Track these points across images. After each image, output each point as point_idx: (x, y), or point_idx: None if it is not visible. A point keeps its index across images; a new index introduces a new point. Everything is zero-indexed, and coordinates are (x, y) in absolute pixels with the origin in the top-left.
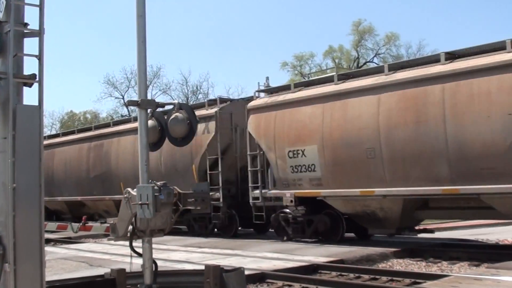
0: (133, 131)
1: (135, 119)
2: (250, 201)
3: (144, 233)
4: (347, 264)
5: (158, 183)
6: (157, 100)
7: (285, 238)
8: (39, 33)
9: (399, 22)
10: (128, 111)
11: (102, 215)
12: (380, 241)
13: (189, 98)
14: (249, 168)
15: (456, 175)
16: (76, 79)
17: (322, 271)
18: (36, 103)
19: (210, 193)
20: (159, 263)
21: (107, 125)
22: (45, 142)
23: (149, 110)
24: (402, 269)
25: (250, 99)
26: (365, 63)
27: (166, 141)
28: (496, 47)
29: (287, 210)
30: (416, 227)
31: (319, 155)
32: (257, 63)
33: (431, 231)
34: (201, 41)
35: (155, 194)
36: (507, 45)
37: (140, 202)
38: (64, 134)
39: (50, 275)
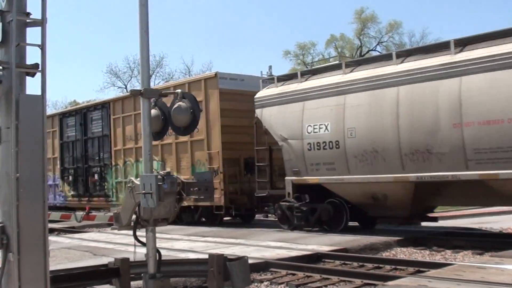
0: None
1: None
2: None
3: (148, 222)
4: (350, 253)
5: (162, 172)
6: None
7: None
8: (41, 23)
9: (401, 10)
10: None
11: None
12: (384, 229)
13: None
14: None
15: None
16: (79, 68)
17: (326, 260)
18: (39, 93)
19: None
20: (162, 252)
21: None
22: None
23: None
24: (405, 258)
25: None
26: (368, 52)
27: None
28: None
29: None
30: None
31: None
32: (259, 52)
33: (434, 219)
34: (204, 30)
35: (159, 183)
36: None
37: (143, 192)
38: None
39: (54, 265)
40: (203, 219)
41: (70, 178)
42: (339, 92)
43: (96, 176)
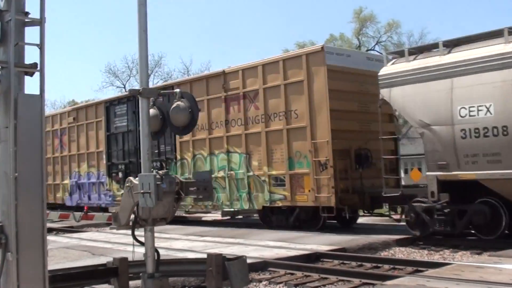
0: None
1: None
2: None
3: (146, 222)
4: (349, 252)
5: (160, 172)
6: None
7: None
8: (40, 22)
9: (400, 10)
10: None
11: None
12: (383, 229)
13: None
14: None
15: None
16: (78, 68)
17: (324, 260)
18: (38, 92)
19: None
20: (161, 251)
21: None
22: None
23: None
24: (404, 258)
25: None
26: (366, 51)
27: None
28: None
29: None
30: None
31: None
32: (259, 52)
33: None
34: (203, 29)
35: (157, 183)
36: None
37: (142, 191)
38: None
39: (53, 264)
40: (297, 223)
41: (120, 175)
42: (504, 65)
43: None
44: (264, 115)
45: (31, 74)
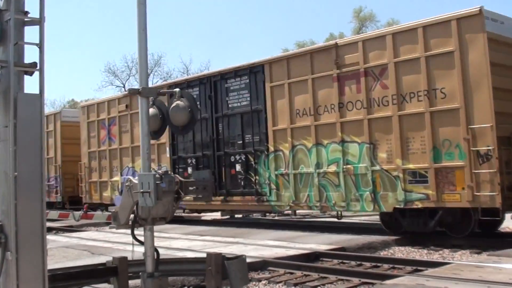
0: None
1: None
2: None
3: (146, 221)
4: (348, 251)
5: (160, 171)
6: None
7: None
8: (39, 21)
9: (400, 9)
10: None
11: None
12: (382, 228)
13: None
14: None
15: None
16: (77, 67)
17: (324, 259)
18: (37, 92)
19: None
20: (161, 251)
21: None
22: None
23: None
24: (403, 257)
25: None
26: None
27: None
28: None
29: None
30: None
31: None
32: (258, 51)
33: None
34: (202, 29)
35: (157, 182)
36: None
37: (141, 190)
38: None
39: (52, 264)
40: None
41: (190, 170)
42: None
43: (238, 167)
44: (396, 95)
45: (31, 74)
